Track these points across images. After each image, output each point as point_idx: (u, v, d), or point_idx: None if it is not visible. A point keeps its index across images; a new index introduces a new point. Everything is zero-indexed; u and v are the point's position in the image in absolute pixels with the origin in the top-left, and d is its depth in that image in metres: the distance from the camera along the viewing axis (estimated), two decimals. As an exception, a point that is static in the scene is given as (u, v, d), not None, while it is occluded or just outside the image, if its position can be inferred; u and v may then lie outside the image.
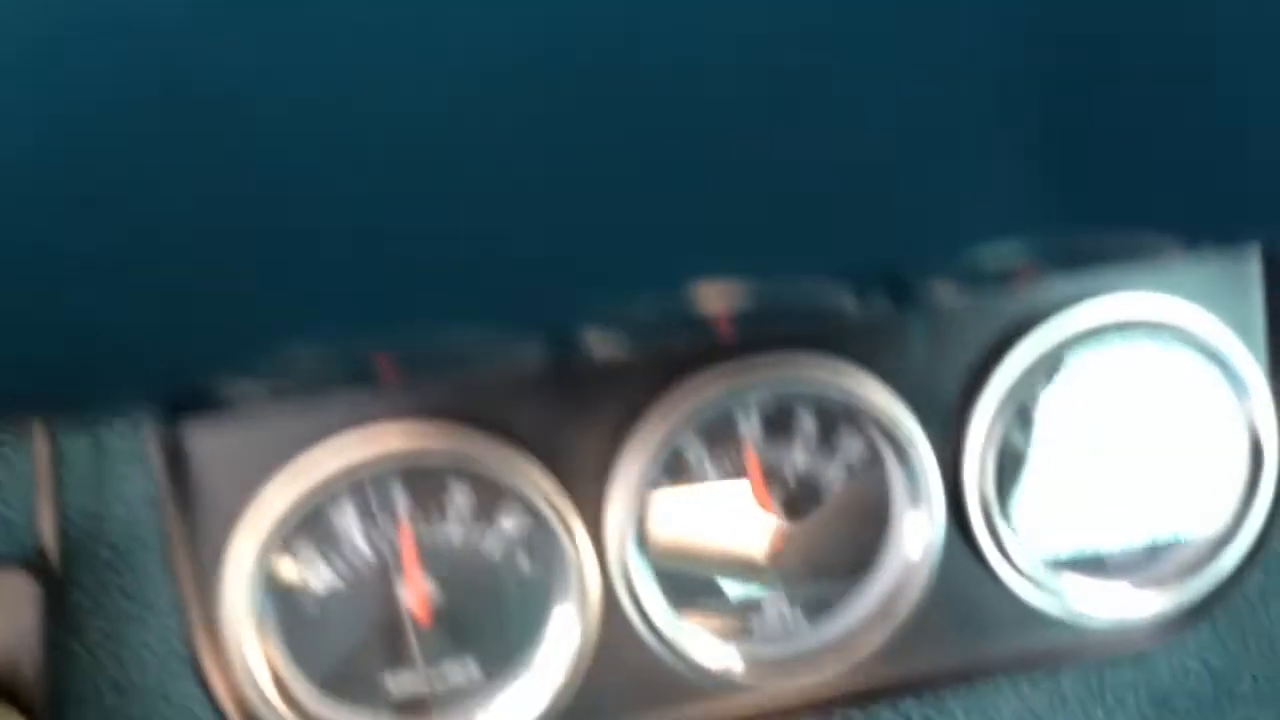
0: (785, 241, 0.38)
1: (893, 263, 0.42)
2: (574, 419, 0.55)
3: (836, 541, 0.57)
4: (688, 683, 0.56)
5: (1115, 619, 0.59)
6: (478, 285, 0.37)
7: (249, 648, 0.51)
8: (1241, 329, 0.59)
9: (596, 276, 0.38)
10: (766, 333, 0.56)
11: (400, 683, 0.54)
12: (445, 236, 0.33)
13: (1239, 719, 1.16)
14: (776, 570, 0.57)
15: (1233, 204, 0.42)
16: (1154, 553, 0.60)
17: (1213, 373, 0.59)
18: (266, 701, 0.51)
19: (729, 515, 0.57)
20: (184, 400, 0.50)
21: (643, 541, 0.55)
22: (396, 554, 0.53)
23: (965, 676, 0.60)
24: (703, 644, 0.56)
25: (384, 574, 0.53)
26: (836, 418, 0.57)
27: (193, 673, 0.54)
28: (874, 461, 0.59)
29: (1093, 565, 0.59)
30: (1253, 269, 0.61)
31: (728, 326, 0.53)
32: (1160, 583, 0.59)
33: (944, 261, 0.42)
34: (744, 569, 0.57)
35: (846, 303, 0.49)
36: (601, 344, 0.54)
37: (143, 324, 0.33)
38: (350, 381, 0.50)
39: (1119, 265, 0.57)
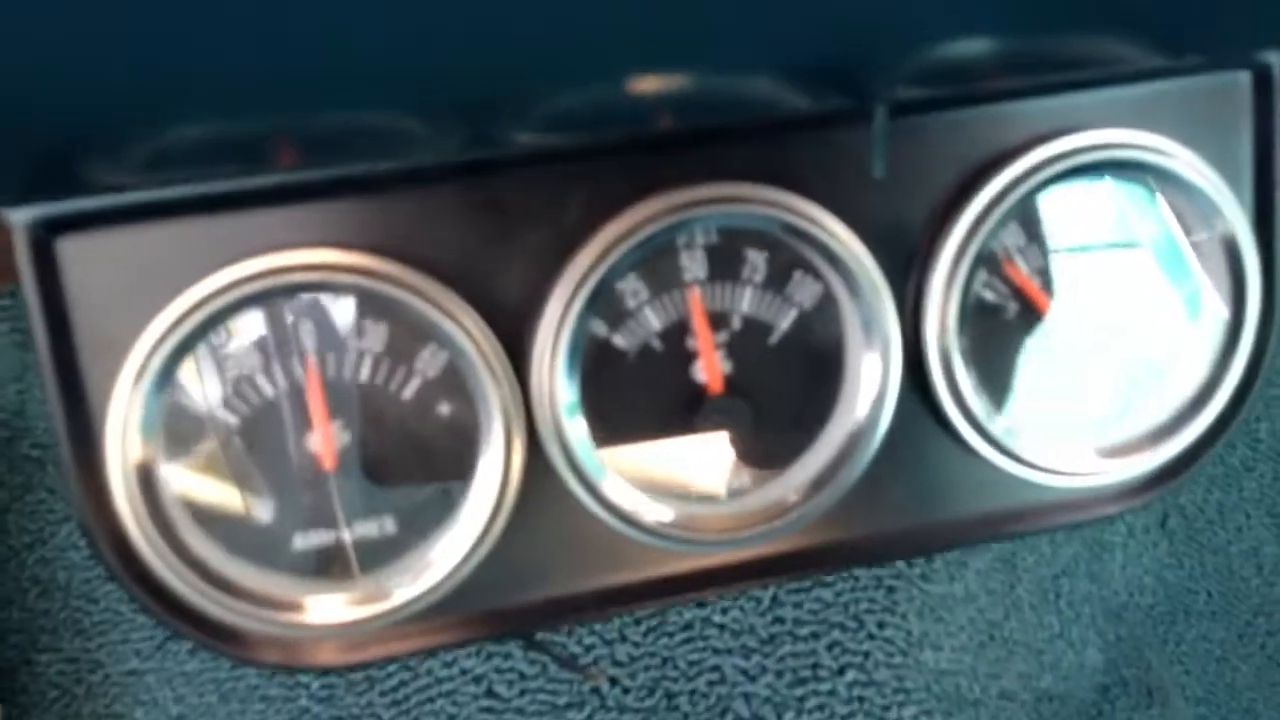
0: (730, 28, 0.34)
1: (846, 55, 0.38)
2: (499, 248, 0.49)
3: (785, 391, 0.53)
4: (620, 540, 0.52)
5: (1077, 484, 0.55)
6: (394, 61, 0.33)
7: (139, 506, 0.47)
8: (1227, 168, 0.55)
9: (524, 57, 0.34)
10: (714, 163, 0.51)
11: (309, 538, 0.50)
12: (359, 7, 0.29)
13: (1194, 635, 1.16)
14: (718, 420, 0.53)
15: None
16: (1123, 415, 0.56)
17: (1196, 218, 0.54)
18: (168, 563, 0.48)
19: (669, 359, 0.53)
20: (58, 193, 0.44)
21: (573, 386, 0.51)
22: (301, 394, 0.49)
23: (920, 542, 0.57)
24: (635, 499, 0.52)
25: (288, 417, 0.49)
26: (788, 255, 0.51)
27: (88, 545, 0.50)
28: (828, 305, 0.53)
29: (1057, 426, 0.55)
30: (1240, 100, 0.54)
31: (668, 123, 0.48)
32: (1126, 447, 0.56)
33: (902, 55, 0.38)
34: (683, 420, 0.53)
35: (798, 101, 0.44)
36: (531, 146, 0.49)
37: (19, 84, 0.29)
38: (245, 165, 0.44)
39: (1093, 82, 0.53)
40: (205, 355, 0.48)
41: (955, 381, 0.53)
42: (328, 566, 0.50)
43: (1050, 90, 0.52)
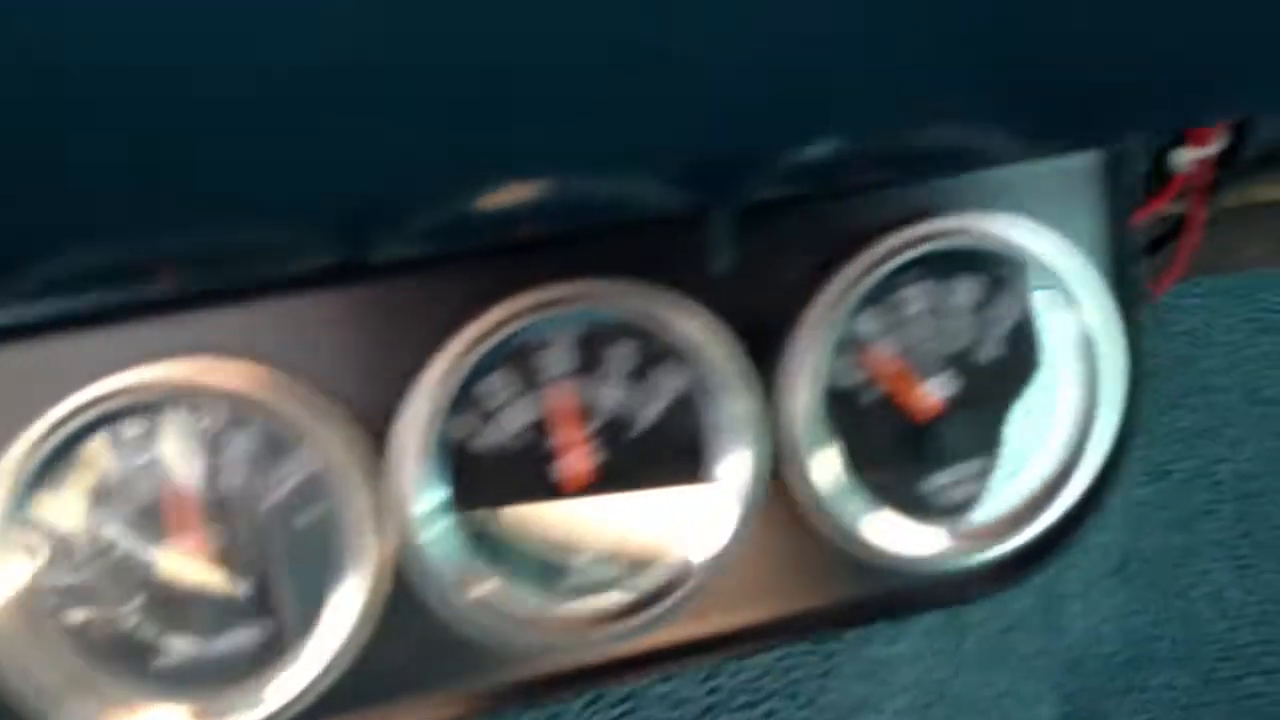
0: (591, 134, 0.35)
1: (706, 158, 0.38)
2: (365, 354, 0.50)
3: (650, 484, 0.54)
4: (481, 644, 0.52)
5: (943, 566, 0.55)
6: (262, 177, 0.33)
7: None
8: (1084, 249, 0.55)
9: (386, 171, 0.34)
10: (573, 257, 0.51)
11: (171, 648, 0.50)
12: (225, 129, 0.30)
13: (1157, 684, 1.14)
14: (585, 522, 0.53)
15: (1073, 101, 0.39)
16: (984, 498, 0.56)
17: (1055, 299, 0.54)
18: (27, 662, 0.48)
19: (532, 458, 0.53)
20: None
21: (433, 490, 0.51)
22: (170, 501, 0.49)
23: (782, 632, 0.56)
24: (496, 609, 0.52)
25: (152, 525, 0.49)
26: (650, 348, 0.52)
27: None
28: (691, 396, 0.53)
29: (919, 511, 0.55)
30: (1095, 181, 0.55)
31: (531, 230, 0.48)
32: (987, 531, 0.55)
33: (763, 158, 0.39)
34: (548, 522, 0.53)
35: (660, 201, 0.44)
36: (396, 252, 0.49)
37: None
38: (126, 288, 0.45)
39: (954, 174, 0.53)
40: (71, 470, 0.48)
41: (815, 470, 0.53)
42: (194, 678, 0.50)
43: (904, 177, 0.52)
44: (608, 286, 0.49)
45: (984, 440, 0.55)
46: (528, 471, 0.51)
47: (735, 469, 0.52)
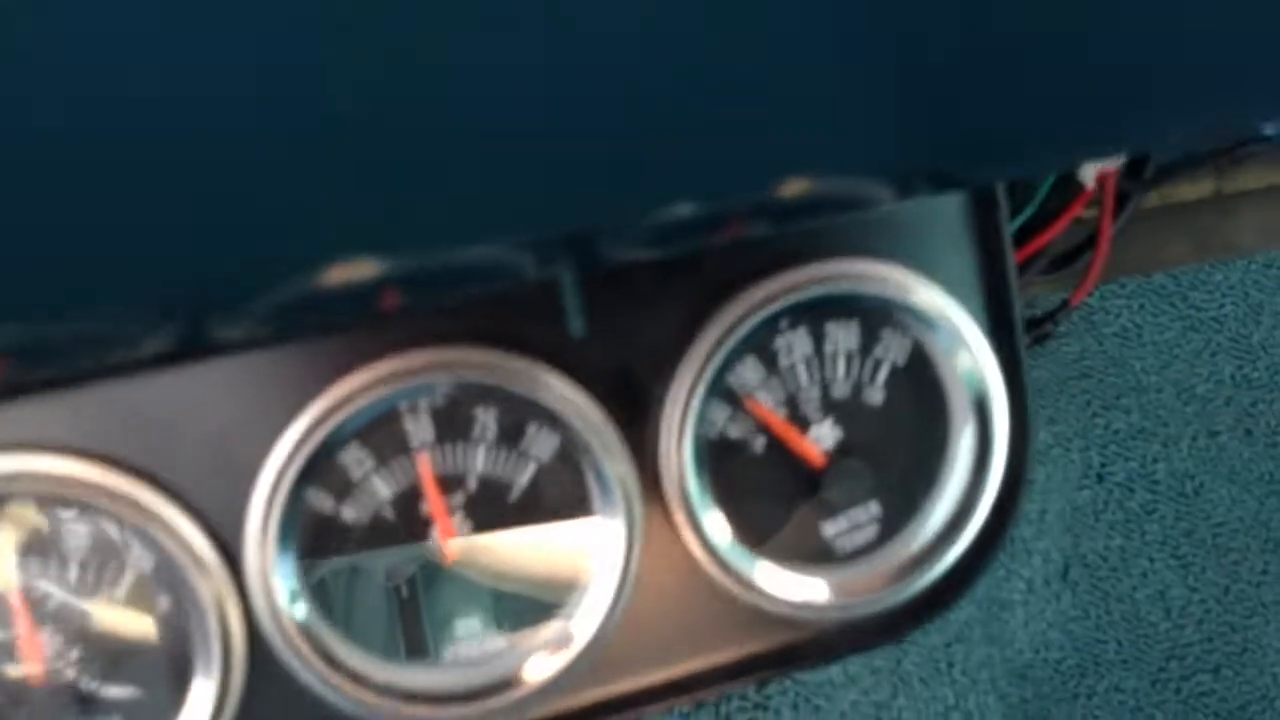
0: (444, 203, 0.34)
1: (569, 221, 0.37)
2: (208, 436, 0.48)
3: (528, 554, 0.53)
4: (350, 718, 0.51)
5: (842, 615, 0.54)
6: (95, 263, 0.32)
7: None
8: (960, 290, 0.53)
9: (221, 250, 0.33)
10: (428, 325, 0.50)
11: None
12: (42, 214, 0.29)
13: (1105, 687, 1.14)
14: (461, 593, 0.52)
15: (943, 137, 0.38)
16: (879, 547, 0.55)
17: (935, 342, 0.54)
18: None
19: (403, 528, 0.50)
20: None
21: (290, 568, 0.50)
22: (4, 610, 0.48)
23: (683, 690, 0.56)
24: (372, 686, 0.51)
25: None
26: (519, 411, 0.50)
27: None
28: (566, 456, 0.52)
29: (813, 562, 0.54)
30: (964, 219, 0.54)
31: (391, 305, 0.47)
32: (883, 579, 0.55)
33: (629, 218, 0.38)
34: (422, 594, 0.52)
35: (526, 268, 0.43)
36: (240, 333, 0.48)
37: None
38: None
39: (823, 220, 0.52)
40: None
41: (699, 524, 0.52)
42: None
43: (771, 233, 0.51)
44: (461, 355, 0.48)
45: (876, 486, 0.54)
46: (400, 541, 0.50)
47: (614, 532, 0.51)
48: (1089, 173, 0.82)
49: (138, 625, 0.49)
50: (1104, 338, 1.23)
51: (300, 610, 0.49)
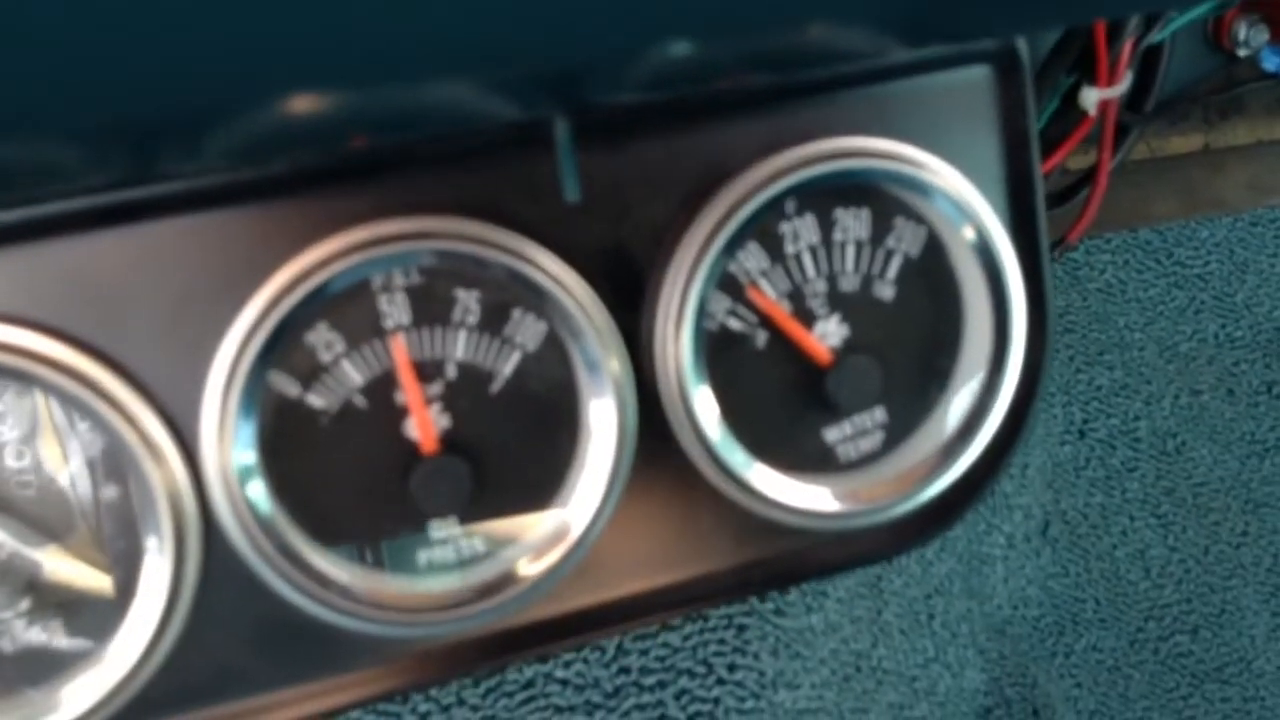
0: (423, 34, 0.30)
1: (557, 60, 0.33)
2: (159, 306, 0.43)
3: (512, 445, 0.48)
4: (326, 627, 0.47)
5: (844, 525, 0.50)
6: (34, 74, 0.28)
7: None
8: (977, 172, 0.49)
9: (173, 70, 0.29)
10: (408, 194, 0.45)
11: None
12: None
13: (1083, 646, 1.12)
14: (435, 483, 0.47)
15: None
16: (886, 450, 0.51)
17: (948, 227, 0.50)
18: None
19: (376, 418, 0.46)
20: None
21: (255, 460, 0.45)
22: None
23: (677, 601, 0.52)
24: (341, 576, 0.46)
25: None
26: (503, 293, 0.46)
27: None
28: (552, 345, 0.47)
29: (815, 465, 0.51)
30: (985, 96, 0.50)
31: (360, 144, 0.42)
32: (890, 485, 0.51)
33: (619, 58, 0.33)
34: (395, 486, 0.47)
35: (506, 112, 0.39)
36: (192, 185, 0.43)
37: None
38: None
39: (824, 88, 0.48)
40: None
41: (697, 423, 0.48)
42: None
43: (776, 100, 0.47)
44: (442, 223, 0.44)
45: (883, 389, 0.50)
46: (373, 432, 0.46)
47: (605, 420, 0.47)
48: (1091, 99, 0.79)
49: (82, 514, 0.44)
50: (1088, 293, 1.20)
51: (262, 504, 0.45)
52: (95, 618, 0.45)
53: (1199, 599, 1.14)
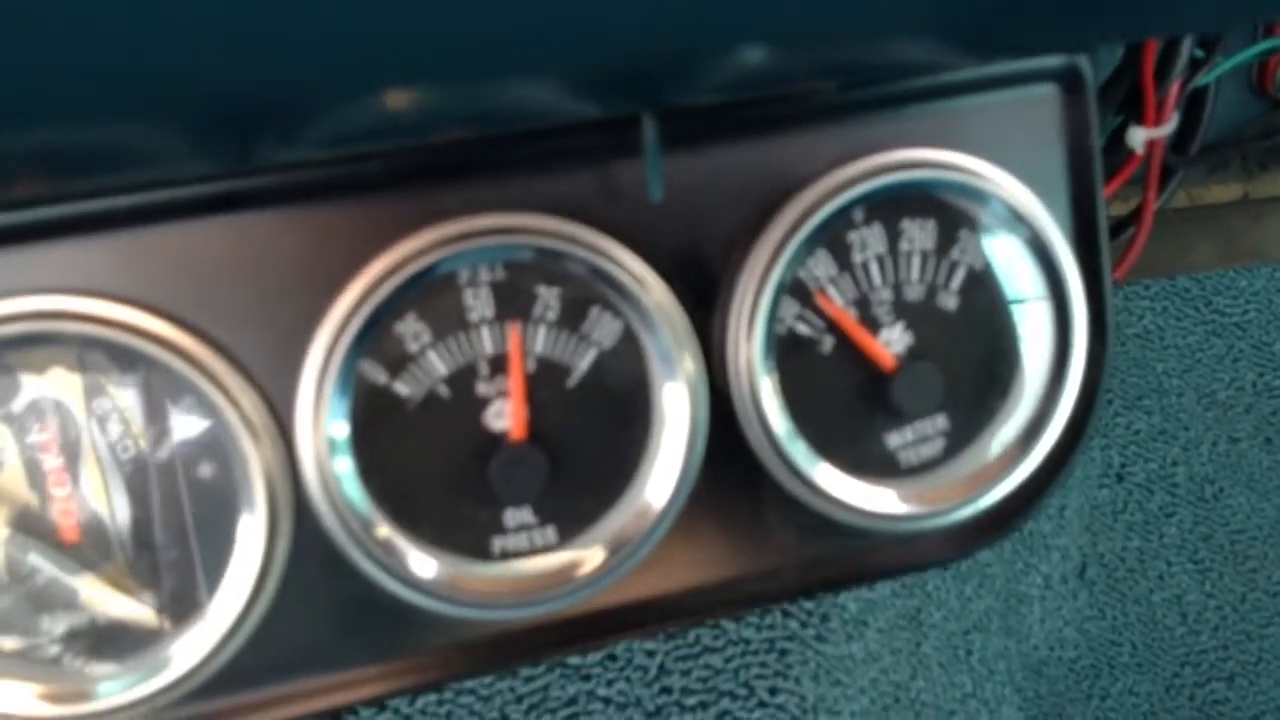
0: (508, 35, 0.32)
1: (637, 63, 0.35)
2: (259, 293, 0.45)
3: (588, 438, 0.49)
4: (408, 608, 0.48)
5: (906, 527, 0.52)
6: (146, 65, 0.30)
7: None
8: (1042, 186, 0.51)
9: (281, 65, 0.31)
10: (495, 194, 0.47)
11: (56, 622, 0.46)
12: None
13: (1119, 689, 1.12)
14: (514, 471, 0.49)
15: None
16: (949, 455, 0.53)
17: (1013, 240, 0.51)
18: None
19: (457, 407, 0.48)
20: None
21: (346, 444, 0.47)
22: (37, 459, 0.45)
23: (739, 596, 0.53)
24: (423, 562, 0.48)
25: (34, 483, 0.45)
26: (582, 291, 0.48)
27: None
28: (628, 343, 0.49)
29: (879, 468, 0.52)
30: (1050, 113, 0.52)
31: (454, 136, 0.44)
32: (952, 489, 0.52)
33: (704, 58, 0.35)
34: (475, 473, 0.48)
35: (587, 111, 0.41)
36: (292, 178, 0.45)
37: None
38: None
39: (895, 102, 0.49)
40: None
41: (766, 422, 0.50)
42: (77, 639, 0.46)
43: (848, 113, 0.49)
44: (531, 219, 0.46)
45: (945, 396, 0.52)
46: (455, 420, 0.48)
47: (677, 416, 0.49)
48: (1138, 138, 0.81)
49: (182, 494, 0.46)
50: (1127, 338, 1.21)
51: (351, 486, 0.47)
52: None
53: (1235, 646, 1.14)
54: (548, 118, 0.42)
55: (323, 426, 0.45)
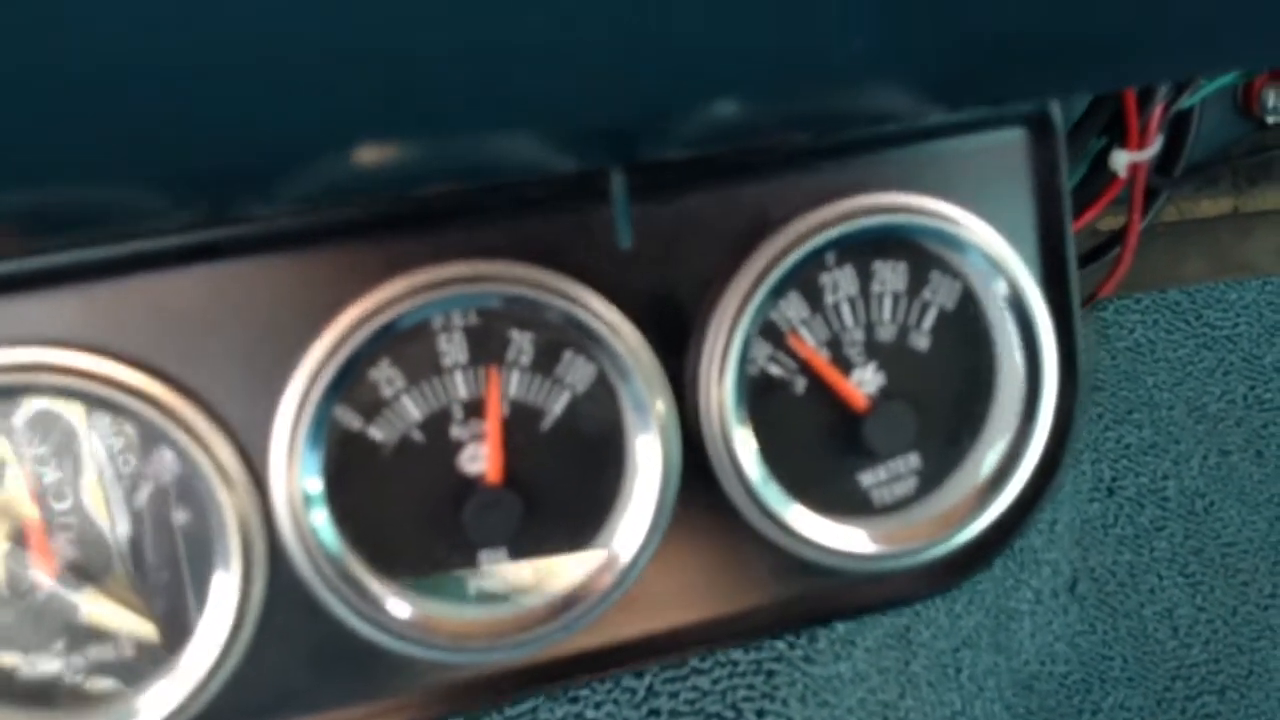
0: (483, 93, 0.32)
1: (612, 118, 0.35)
2: (233, 341, 0.46)
3: (562, 481, 0.50)
4: (383, 652, 0.49)
5: (879, 566, 0.52)
6: (111, 131, 0.30)
7: None
8: (1011, 229, 0.51)
9: (257, 123, 0.31)
10: (466, 240, 0.48)
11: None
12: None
13: (1110, 704, 1.12)
14: (488, 514, 0.49)
15: (1000, 46, 0.36)
16: (922, 494, 0.54)
17: (982, 282, 0.52)
18: None
19: (431, 451, 0.49)
20: None
21: (317, 481, 0.47)
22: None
23: (713, 636, 0.53)
24: (398, 606, 0.49)
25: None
26: (555, 335, 0.49)
27: None
28: (601, 386, 0.50)
29: (852, 507, 0.53)
30: (1018, 157, 0.52)
31: (419, 190, 0.45)
32: (925, 528, 0.53)
33: (674, 117, 0.36)
34: (449, 516, 0.49)
35: (556, 167, 0.41)
36: (267, 227, 0.46)
37: None
38: None
39: (864, 146, 0.50)
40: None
41: (738, 464, 0.50)
42: (52, 699, 0.47)
43: (819, 157, 0.50)
44: (504, 267, 0.47)
45: (918, 435, 0.52)
46: (429, 465, 0.48)
47: (650, 459, 0.49)
48: (1121, 161, 0.81)
49: (155, 541, 0.46)
50: (1117, 351, 1.22)
51: (325, 531, 0.47)
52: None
53: (1227, 659, 1.14)
54: (517, 174, 0.42)
55: (296, 470, 0.46)
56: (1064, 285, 0.53)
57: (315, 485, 0.47)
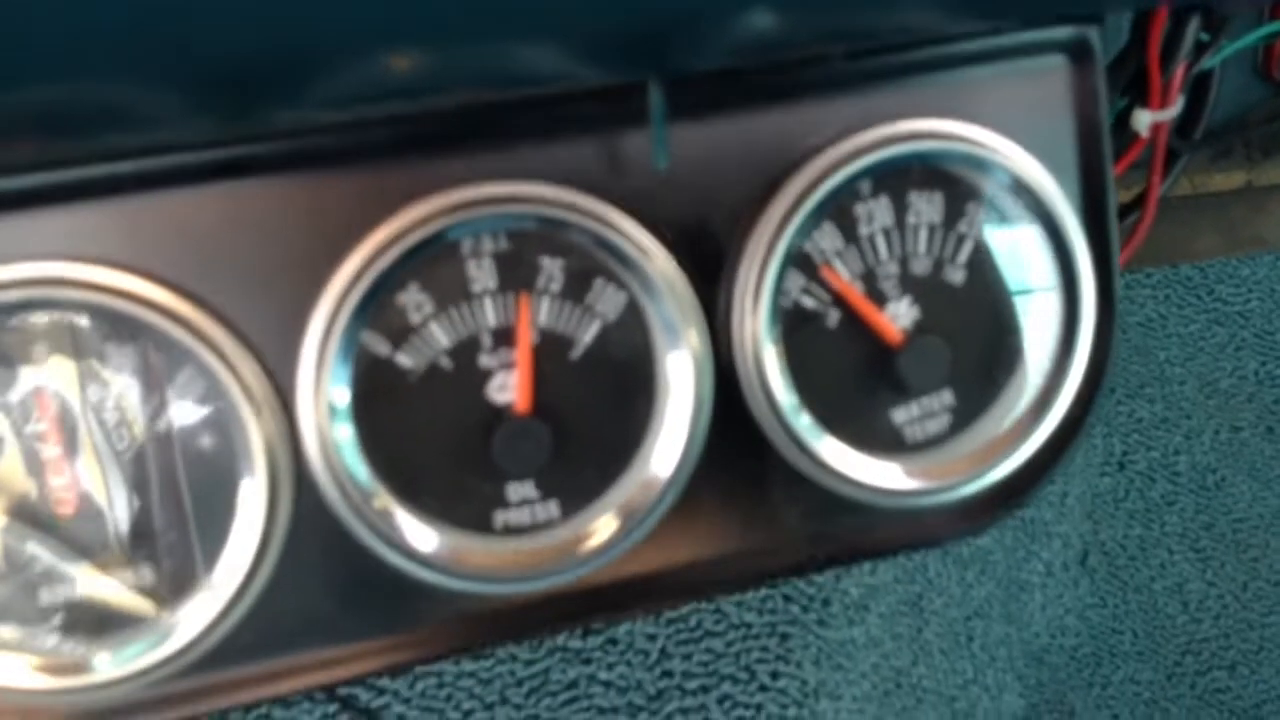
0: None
1: (645, 24, 0.34)
2: (258, 262, 0.45)
3: (591, 410, 0.49)
4: (409, 581, 0.48)
5: (909, 503, 0.51)
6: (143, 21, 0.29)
7: None
8: (1050, 157, 0.50)
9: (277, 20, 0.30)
10: (498, 161, 0.46)
11: (54, 593, 0.46)
12: None
13: (1120, 677, 1.11)
14: (518, 445, 0.48)
15: None
16: (956, 428, 0.52)
17: (1021, 211, 0.51)
18: None
19: (459, 379, 0.47)
20: None
21: (347, 412, 0.46)
22: (35, 448, 0.45)
23: (742, 572, 0.52)
24: (425, 535, 0.47)
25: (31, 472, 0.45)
26: (586, 262, 0.48)
27: None
28: (633, 314, 0.48)
29: (885, 442, 0.52)
30: (1058, 83, 0.51)
31: (454, 98, 0.43)
32: (960, 463, 0.52)
33: (708, 22, 0.35)
34: (478, 446, 0.47)
35: (593, 76, 0.40)
36: (291, 145, 0.44)
37: None
38: None
39: (901, 72, 0.49)
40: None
41: (771, 395, 0.49)
42: (74, 626, 0.46)
43: (855, 84, 0.49)
44: (535, 188, 0.46)
45: (952, 371, 0.51)
46: (457, 393, 0.47)
47: (682, 388, 0.48)
48: (1143, 121, 0.81)
49: (179, 467, 0.45)
50: (1129, 326, 1.21)
51: (352, 458, 0.46)
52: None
53: (1237, 635, 1.14)
54: (554, 82, 0.41)
55: (324, 395, 0.45)
56: (1103, 218, 0.52)
57: (342, 406, 0.46)
